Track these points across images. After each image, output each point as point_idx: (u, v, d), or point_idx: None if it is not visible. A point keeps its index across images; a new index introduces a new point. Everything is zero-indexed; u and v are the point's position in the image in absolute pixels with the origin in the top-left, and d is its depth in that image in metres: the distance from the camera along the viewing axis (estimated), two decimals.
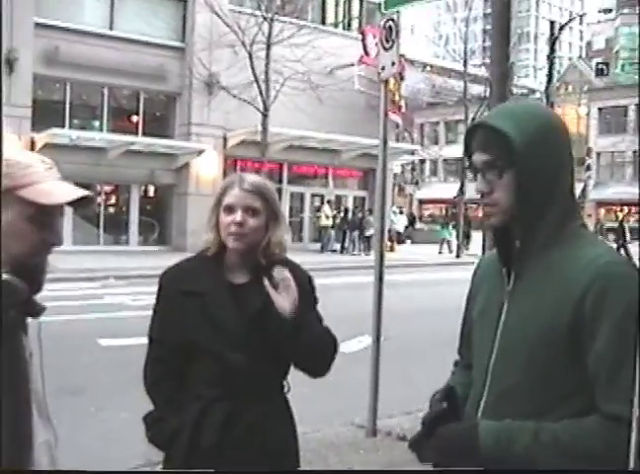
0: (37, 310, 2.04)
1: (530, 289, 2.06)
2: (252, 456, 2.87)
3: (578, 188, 50.04)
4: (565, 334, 1.96)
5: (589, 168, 56.10)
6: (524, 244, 2.09)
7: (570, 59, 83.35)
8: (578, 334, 1.94)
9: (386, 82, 7.23)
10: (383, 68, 7.04)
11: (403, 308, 13.68)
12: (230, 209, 2.89)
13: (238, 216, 2.86)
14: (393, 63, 6.97)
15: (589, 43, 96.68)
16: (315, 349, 2.97)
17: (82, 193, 2.07)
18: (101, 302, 15.55)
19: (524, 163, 2.02)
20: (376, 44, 7.39)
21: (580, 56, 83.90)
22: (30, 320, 2.09)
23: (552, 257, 2.04)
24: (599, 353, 1.92)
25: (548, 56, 34.92)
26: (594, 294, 1.92)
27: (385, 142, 7.13)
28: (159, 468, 3.13)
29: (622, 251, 28.43)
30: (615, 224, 41.63)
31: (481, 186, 2.11)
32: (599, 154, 63.92)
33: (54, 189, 2.05)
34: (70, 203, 2.07)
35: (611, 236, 38.96)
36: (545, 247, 2.05)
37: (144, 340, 3.07)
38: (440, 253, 35.21)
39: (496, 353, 2.11)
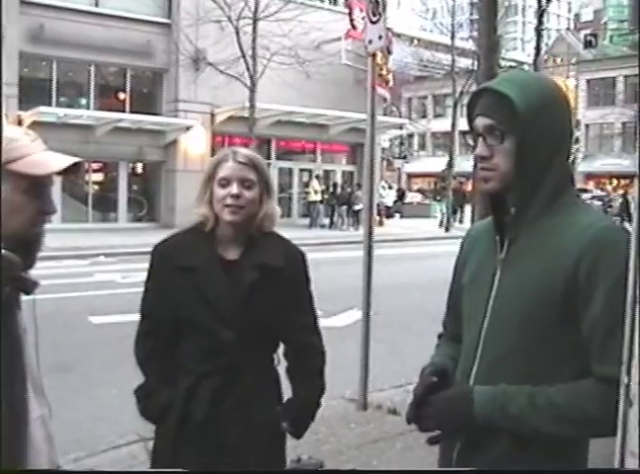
0: (30, 286, 2.05)
1: (524, 256, 2.08)
2: (240, 431, 2.89)
3: None
4: (559, 300, 1.98)
5: (577, 140, 56.10)
6: (519, 211, 2.10)
7: (558, 31, 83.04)
8: (572, 300, 1.97)
9: (373, 56, 7.21)
10: (370, 42, 7.01)
11: (392, 282, 13.72)
12: (225, 182, 2.89)
13: (234, 189, 2.86)
14: (380, 37, 6.94)
15: (577, 15, 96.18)
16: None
17: (73, 159, 2.10)
18: (91, 280, 15.53)
19: (527, 130, 2.04)
20: (363, 18, 7.36)
21: (568, 28, 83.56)
22: (23, 297, 2.10)
23: (546, 224, 2.06)
24: (593, 317, 1.94)
25: (536, 29, 34.71)
26: (588, 261, 1.95)
27: (373, 116, 7.11)
28: (150, 444, 3.15)
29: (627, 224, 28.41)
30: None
31: (481, 150, 2.12)
32: (587, 126, 63.93)
33: (46, 159, 2.08)
34: (62, 172, 2.10)
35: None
36: (540, 215, 2.07)
37: (135, 317, 3.08)
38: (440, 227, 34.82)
39: (488, 320, 2.12)
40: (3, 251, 1.94)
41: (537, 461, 2.03)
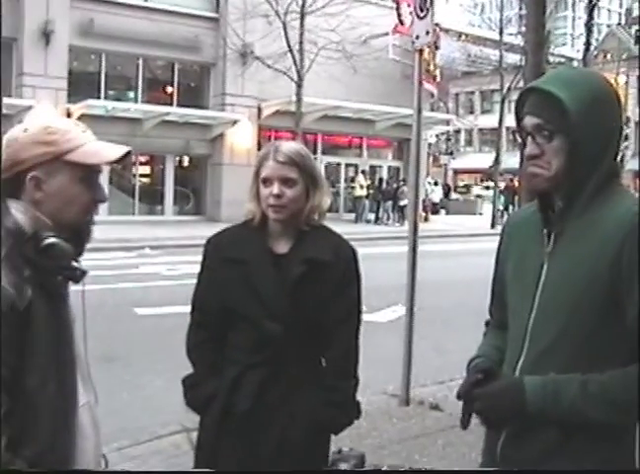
0: (79, 275, 2.09)
1: (570, 249, 2.08)
2: (282, 423, 2.91)
3: None
4: (605, 289, 1.98)
5: (627, 138, 55.32)
6: (567, 205, 2.10)
7: (609, 27, 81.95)
8: (617, 288, 1.97)
9: (420, 51, 7.17)
10: (417, 37, 6.98)
11: (437, 278, 13.66)
12: (267, 181, 2.90)
13: (275, 188, 2.87)
14: (427, 32, 6.91)
15: (628, 10, 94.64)
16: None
17: (126, 149, 2.17)
18: (136, 272, 15.68)
19: (576, 128, 2.04)
20: (411, 13, 7.32)
21: (619, 23, 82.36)
22: (73, 287, 2.14)
23: (591, 216, 2.06)
24: (636, 306, 1.94)
25: (586, 24, 34.31)
26: (631, 244, 1.95)
27: (420, 112, 7.09)
28: (193, 434, 3.18)
29: None
30: None
31: (531, 148, 2.12)
32: (637, 123, 62.97)
33: (98, 148, 2.15)
34: (114, 161, 2.17)
35: None
36: (585, 208, 2.07)
37: (179, 309, 3.12)
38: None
39: (535, 312, 2.12)
40: (56, 240, 1.99)
41: (584, 449, 2.03)
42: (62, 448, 2.05)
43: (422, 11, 6.86)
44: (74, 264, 2.06)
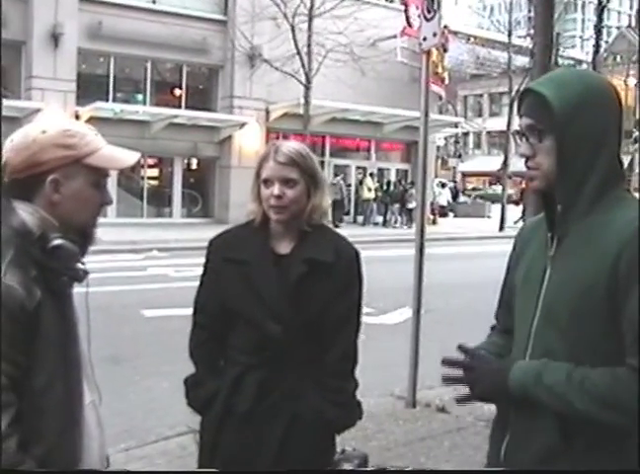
0: (82, 275, 2.11)
1: (571, 254, 2.08)
2: (284, 423, 2.92)
3: (625, 160, 49.16)
4: (604, 297, 1.98)
5: (636, 140, 55.10)
6: (566, 209, 2.10)
7: (618, 29, 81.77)
8: (615, 295, 1.96)
9: (428, 53, 7.18)
10: (425, 39, 6.99)
11: (444, 281, 13.66)
12: (268, 182, 2.90)
13: (276, 189, 2.87)
14: (435, 34, 6.92)
15: (639, 12, 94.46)
16: None
17: (138, 155, 2.23)
18: (144, 274, 15.71)
19: (564, 128, 2.04)
20: (419, 16, 7.33)
21: (629, 25, 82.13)
22: (76, 290, 2.17)
23: (594, 221, 2.05)
24: (630, 311, 1.94)
25: (596, 26, 34.32)
26: (628, 255, 1.94)
27: (427, 114, 7.09)
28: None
29: None
30: None
31: (523, 149, 2.15)
32: None
33: (115, 153, 2.20)
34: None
35: None
36: (586, 212, 2.06)
37: (186, 311, 3.13)
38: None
39: (538, 317, 2.13)
40: (63, 241, 2.01)
41: (586, 453, 2.03)
42: (70, 447, 2.07)
43: (429, 12, 6.87)
44: (79, 265, 2.09)
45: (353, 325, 3.05)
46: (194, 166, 31.21)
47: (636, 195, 2.36)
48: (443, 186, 43.95)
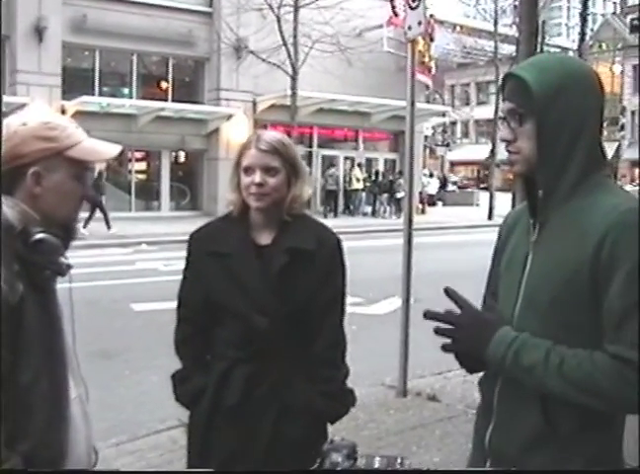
0: (65, 268, 2.10)
1: (553, 240, 2.08)
2: (273, 416, 2.91)
3: (611, 147, 49.24)
4: (585, 282, 1.97)
5: (622, 127, 55.28)
6: (547, 194, 2.09)
7: (604, 16, 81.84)
8: (596, 281, 1.96)
9: (414, 42, 7.17)
10: (410, 28, 6.98)
11: (434, 270, 13.66)
12: (249, 170, 2.89)
13: (257, 177, 2.87)
14: (420, 22, 6.91)
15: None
16: None
17: (119, 147, 2.22)
18: (133, 268, 15.69)
19: (544, 112, 2.04)
20: (404, 5, 7.32)
21: (614, 13, 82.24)
22: (59, 286, 2.15)
23: (575, 206, 2.05)
24: (611, 298, 1.93)
25: (581, 13, 34.31)
26: (610, 242, 1.93)
27: (413, 103, 7.08)
28: None
29: None
30: None
31: (504, 133, 2.14)
32: (633, 113, 62.91)
33: (95, 146, 2.20)
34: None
35: None
36: (567, 198, 2.06)
37: (176, 304, 3.12)
38: None
39: (520, 303, 2.12)
40: (45, 235, 2.00)
41: (570, 438, 2.03)
42: (56, 442, 2.06)
43: (414, 1, 6.86)
44: (62, 258, 2.07)
45: (338, 312, 3.05)
46: (181, 159, 31.15)
47: (623, 181, 2.36)
48: (432, 175, 44.03)
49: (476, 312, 2.15)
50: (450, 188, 50.28)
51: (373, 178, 33.34)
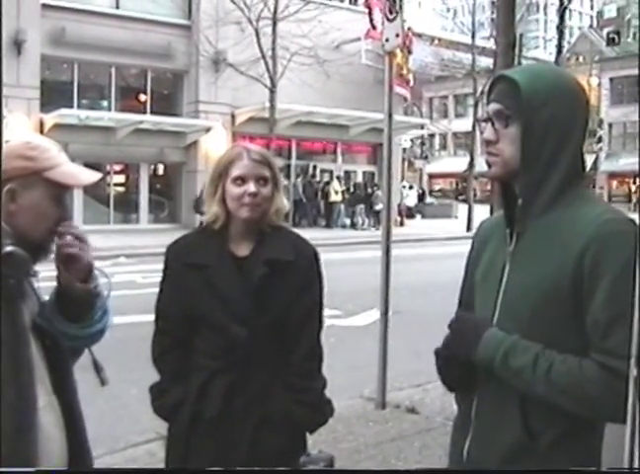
0: (31, 281, 2.18)
1: (531, 250, 2.08)
2: (253, 427, 2.91)
3: (589, 159, 49.59)
4: (567, 294, 1.97)
5: (600, 140, 55.61)
6: (526, 204, 2.09)
7: (580, 29, 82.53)
8: (578, 293, 1.96)
9: (392, 54, 7.21)
10: (387, 40, 7.01)
11: (413, 282, 13.71)
12: (241, 180, 2.90)
13: (251, 187, 2.88)
14: (397, 35, 6.94)
15: (600, 12, 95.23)
16: None
17: (98, 175, 2.29)
18: (112, 281, 15.56)
19: (531, 116, 2.05)
20: (382, 18, 7.36)
21: (590, 26, 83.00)
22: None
23: (554, 217, 2.05)
24: (596, 308, 1.93)
25: (558, 27, 34.49)
26: (592, 252, 1.94)
27: (390, 116, 7.11)
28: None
29: None
30: None
31: (487, 133, 2.14)
32: (610, 125, 63.32)
33: (74, 170, 2.23)
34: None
35: None
36: (547, 207, 2.06)
37: (154, 317, 3.11)
38: None
39: (498, 315, 2.12)
40: (14, 248, 2.01)
41: (549, 451, 2.03)
42: (24, 451, 2.05)
43: (391, 13, 6.89)
44: (30, 271, 2.10)
45: (316, 323, 3.06)
46: (160, 171, 31.07)
47: (600, 193, 2.37)
48: (411, 188, 44.12)
49: (467, 315, 2.18)
50: (429, 200, 50.36)
51: (352, 190, 33.37)
